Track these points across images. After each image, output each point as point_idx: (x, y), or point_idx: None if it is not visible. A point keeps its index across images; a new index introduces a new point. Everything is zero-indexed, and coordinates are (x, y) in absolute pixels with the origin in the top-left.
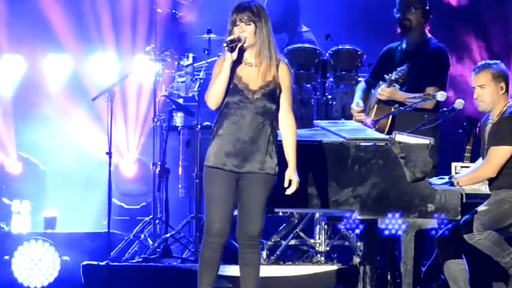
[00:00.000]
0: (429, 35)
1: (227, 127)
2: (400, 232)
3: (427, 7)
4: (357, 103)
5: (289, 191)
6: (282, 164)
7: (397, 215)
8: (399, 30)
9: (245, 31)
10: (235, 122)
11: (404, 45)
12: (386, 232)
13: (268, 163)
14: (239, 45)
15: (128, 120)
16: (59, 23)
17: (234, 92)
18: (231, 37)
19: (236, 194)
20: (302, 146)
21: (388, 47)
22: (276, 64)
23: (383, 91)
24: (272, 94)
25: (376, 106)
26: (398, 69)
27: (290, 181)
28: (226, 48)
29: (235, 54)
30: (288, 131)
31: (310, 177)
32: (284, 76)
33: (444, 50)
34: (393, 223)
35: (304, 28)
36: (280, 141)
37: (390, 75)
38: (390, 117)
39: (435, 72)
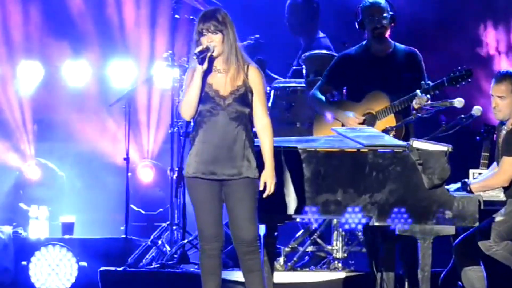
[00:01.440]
0: (392, 41)
1: (202, 135)
2: (419, 240)
3: (392, 13)
4: (353, 114)
5: (264, 195)
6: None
7: (414, 221)
8: (369, 36)
9: (212, 40)
10: (209, 129)
11: (370, 52)
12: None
13: (246, 168)
14: (208, 54)
15: (146, 126)
16: (77, 28)
17: (206, 100)
18: (200, 48)
19: (221, 199)
20: (320, 153)
21: (346, 54)
22: (244, 68)
23: (421, 99)
24: (243, 98)
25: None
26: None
27: (265, 184)
28: (196, 59)
29: (205, 65)
30: (263, 134)
31: (328, 183)
32: (254, 79)
33: (416, 52)
34: (410, 230)
35: (321, 34)
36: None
37: (429, 82)
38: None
39: (416, 76)
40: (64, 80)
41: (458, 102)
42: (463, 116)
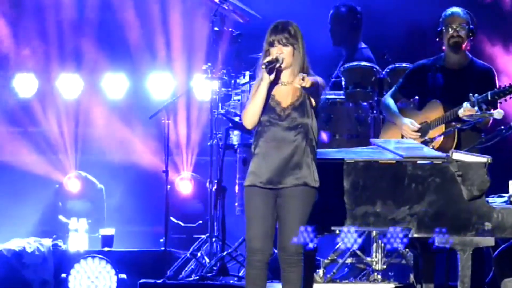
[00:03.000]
0: (469, 55)
1: (262, 145)
2: (458, 251)
3: (472, 26)
4: (411, 122)
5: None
6: (329, 179)
7: (454, 233)
8: (446, 46)
9: (282, 52)
10: (269, 140)
11: (445, 63)
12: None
13: (304, 175)
14: (277, 66)
15: (185, 138)
16: (115, 40)
17: (267, 110)
18: (269, 58)
19: (275, 212)
20: (359, 164)
21: (421, 64)
22: None
23: (469, 111)
24: (302, 107)
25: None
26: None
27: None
28: (264, 69)
29: (272, 75)
30: None
31: (367, 195)
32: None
33: (492, 70)
34: (450, 241)
35: (363, 45)
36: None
37: (476, 95)
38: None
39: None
40: (103, 92)
41: (498, 113)
42: (502, 127)
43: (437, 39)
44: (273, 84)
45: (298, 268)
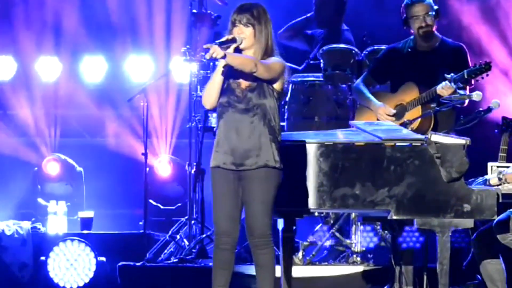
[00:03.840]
0: (439, 35)
1: (222, 127)
2: (437, 233)
3: (436, 7)
4: (385, 107)
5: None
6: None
7: (433, 214)
8: (415, 33)
9: (243, 32)
10: (227, 121)
11: (416, 46)
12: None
13: (264, 156)
14: (233, 46)
15: (164, 121)
16: (94, 23)
17: (227, 91)
18: (224, 38)
19: (239, 194)
20: (338, 147)
21: (392, 47)
22: None
23: (448, 88)
24: (259, 88)
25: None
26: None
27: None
28: (218, 47)
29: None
30: None
31: (346, 177)
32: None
33: (463, 48)
34: (428, 223)
35: (344, 27)
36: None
37: (452, 74)
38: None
39: (459, 71)
40: (81, 75)
41: (476, 95)
42: (481, 109)
43: (404, 27)
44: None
45: (268, 250)
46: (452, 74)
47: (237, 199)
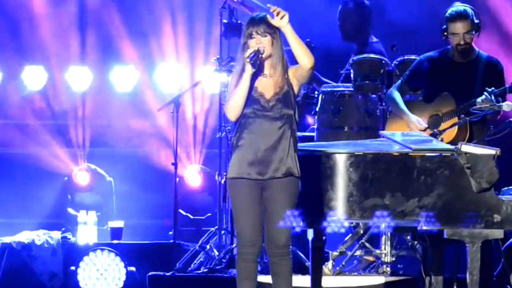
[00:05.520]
0: (476, 48)
1: (246, 137)
2: (467, 243)
3: (477, 22)
4: (418, 121)
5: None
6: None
7: (463, 225)
8: (453, 46)
9: (261, 42)
10: (254, 131)
11: (452, 57)
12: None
13: (290, 165)
14: (259, 56)
15: (194, 131)
16: (123, 35)
17: (251, 102)
18: (251, 51)
19: (262, 203)
20: (368, 157)
21: (429, 56)
22: (287, 73)
23: (488, 102)
24: (286, 98)
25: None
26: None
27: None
28: (249, 62)
29: (255, 67)
30: None
31: (376, 188)
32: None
33: (500, 63)
34: (458, 233)
35: (374, 39)
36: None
37: (493, 89)
38: (456, 127)
39: (494, 86)
40: (112, 85)
41: (507, 106)
42: (511, 119)
43: (443, 37)
44: (254, 76)
45: (287, 260)
46: (492, 88)
47: (261, 208)
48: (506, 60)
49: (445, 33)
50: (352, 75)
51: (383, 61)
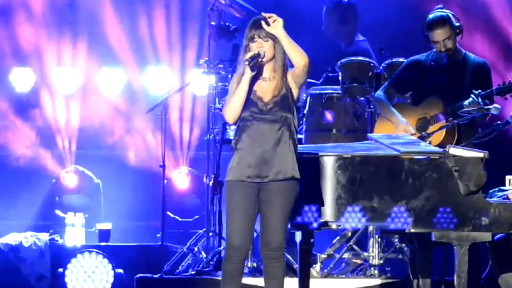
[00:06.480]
0: (462, 49)
1: (246, 140)
2: (455, 246)
3: (456, 25)
4: (407, 125)
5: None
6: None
7: (451, 228)
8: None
9: (263, 46)
10: (252, 134)
11: (439, 59)
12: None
13: (289, 168)
14: (259, 60)
15: (182, 133)
16: (113, 37)
17: (249, 105)
18: (251, 54)
19: (256, 208)
20: (356, 159)
21: (416, 59)
22: (286, 77)
23: (475, 104)
24: (284, 101)
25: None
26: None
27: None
28: (248, 65)
29: (255, 71)
30: None
31: (364, 190)
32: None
33: (487, 64)
34: (446, 236)
35: (360, 37)
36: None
37: (480, 91)
38: (444, 130)
39: (482, 87)
40: (99, 87)
41: (495, 109)
42: (499, 122)
43: (427, 43)
44: (253, 79)
45: (281, 263)
46: (479, 90)
47: (255, 213)
48: (500, 59)
49: (428, 40)
50: (340, 78)
51: (371, 64)
